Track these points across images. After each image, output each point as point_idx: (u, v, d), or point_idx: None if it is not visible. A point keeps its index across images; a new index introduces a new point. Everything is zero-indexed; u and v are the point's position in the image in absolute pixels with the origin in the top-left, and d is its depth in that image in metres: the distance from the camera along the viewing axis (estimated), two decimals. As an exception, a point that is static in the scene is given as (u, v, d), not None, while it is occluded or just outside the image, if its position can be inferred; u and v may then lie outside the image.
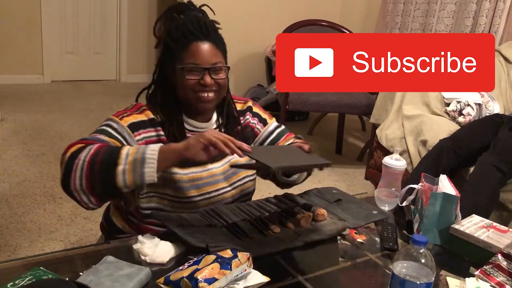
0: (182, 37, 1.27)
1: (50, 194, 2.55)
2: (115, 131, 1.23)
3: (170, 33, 1.29)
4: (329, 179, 3.18)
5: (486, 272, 1.11)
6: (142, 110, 1.30)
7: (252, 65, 4.54)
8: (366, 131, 4.27)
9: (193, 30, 1.26)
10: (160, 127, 1.29)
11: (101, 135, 1.21)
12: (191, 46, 1.26)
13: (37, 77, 4.97)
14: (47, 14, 4.82)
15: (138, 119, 1.27)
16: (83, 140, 1.17)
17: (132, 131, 1.25)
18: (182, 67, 1.26)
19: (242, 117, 1.46)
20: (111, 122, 1.25)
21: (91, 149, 1.12)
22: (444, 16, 3.71)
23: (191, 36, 1.26)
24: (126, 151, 1.11)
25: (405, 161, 1.48)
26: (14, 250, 2.04)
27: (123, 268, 0.98)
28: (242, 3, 4.43)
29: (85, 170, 1.09)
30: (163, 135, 1.29)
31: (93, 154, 1.10)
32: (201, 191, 1.31)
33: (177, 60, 1.27)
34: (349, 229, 1.31)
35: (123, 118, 1.26)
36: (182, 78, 1.27)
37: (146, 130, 1.27)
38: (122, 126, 1.24)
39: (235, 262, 0.96)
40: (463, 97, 2.44)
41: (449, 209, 1.29)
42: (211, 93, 1.28)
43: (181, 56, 1.27)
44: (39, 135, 3.45)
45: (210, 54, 1.27)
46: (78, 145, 1.15)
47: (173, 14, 1.31)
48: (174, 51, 1.28)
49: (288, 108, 3.17)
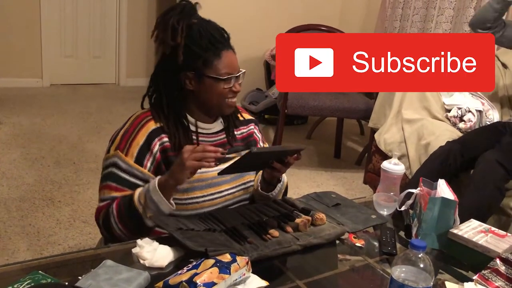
0: (210, 45, 1.29)
1: (49, 198, 2.55)
2: (124, 173, 1.28)
3: (194, 41, 1.29)
4: (328, 183, 3.18)
5: (485, 277, 1.11)
6: (142, 126, 1.30)
7: (251, 69, 4.55)
8: (364, 135, 4.27)
9: (220, 39, 1.30)
10: (163, 135, 1.30)
11: (112, 185, 1.28)
12: (222, 55, 1.30)
13: (36, 80, 4.97)
14: (46, 18, 4.83)
15: (140, 144, 1.28)
16: (103, 202, 1.29)
17: (140, 163, 1.28)
18: (220, 78, 1.29)
19: (246, 126, 1.50)
20: (118, 161, 1.28)
21: (113, 211, 1.25)
22: (442, 21, 3.73)
23: (219, 45, 1.30)
24: (137, 198, 1.23)
25: (403, 166, 1.48)
26: (13, 254, 2.03)
27: (122, 272, 0.97)
28: (241, 7, 4.44)
29: (120, 227, 1.25)
30: (166, 142, 1.30)
31: (118, 215, 1.25)
32: (204, 192, 1.33)
33: (208, 68, 1.29)
34: (347, 234, 1.31)
35: (128, 152, 1.28)
36: (216, 87, 1.30)
37: (152, 147, 1.29)
38: (131, 166, 1.28)
39: (234, 266, 0.96)
40: (463, 103, 2.45)
41: (447, 214, 1.29)
42: (235, 98, 1.35)
43: (214, 64, 1.29)
44: (38, 138, 3.44)
45: (236, 61, 1.34)
46: (102, 210, 1.28)
47: (190, 19, 1.30)
48: (203, 59, 1.29)
49: (287, 112, 3.18)
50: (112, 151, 1.30)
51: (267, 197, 1.43)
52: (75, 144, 3.38)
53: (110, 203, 1.27)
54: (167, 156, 1.30)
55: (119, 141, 1.30)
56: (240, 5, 4.44)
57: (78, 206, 2.50)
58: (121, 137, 1.30)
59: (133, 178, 1.28)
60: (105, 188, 1.29)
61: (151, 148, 1.29)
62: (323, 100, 3.19)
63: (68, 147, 3.32)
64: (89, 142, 3.45)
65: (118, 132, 1.33)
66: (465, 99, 2.48)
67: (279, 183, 1.43)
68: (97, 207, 1.30)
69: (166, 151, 1.30)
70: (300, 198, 1.50)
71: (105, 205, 1.28)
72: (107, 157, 1.31)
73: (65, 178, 2.82)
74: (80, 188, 2.71)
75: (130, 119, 1.34)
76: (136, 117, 1.33)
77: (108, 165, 1.30)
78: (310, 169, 3.40)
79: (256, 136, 1.53)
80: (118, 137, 1.31)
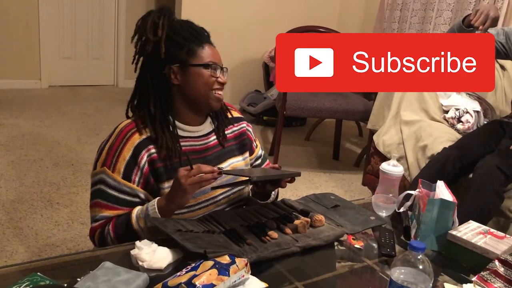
0: (193, 37, 1.30)
1: (47, 200, 2.54)
2: (112, 190, 1.26)
3: (177, 31, 1.29)
4: (327, 185, 3.18)
5: (484, 278, 1.11)
6: (128, 139, 1.27)
7: (250, 70, 4.55)
8: (363, 137, 4.28)
9: (200, 32, 1.32)
10: (151, 145, 1.28)
11: (102, 203, 1.27)
12: (205, 45, 1.31)
13: (35, 82, 4.96)
14: (44, 19, 4.83)
15: (127, 159, 1.26)
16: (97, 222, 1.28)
17: (128, 179, 1.27)
18: (202, 64, 1.29)
19: (237, 124, 1.49)
20: (105, 178, 1.26)
21: (110, 232, 1.25)
22: (441, 23, 3.73)
23: (201, 37, 1.31)
24: (136, 221, 1.23)
25: (402, 167, 1.49)
26: (11, 255, 2.03)
27: (121, 274, 0.97)
28: (240, 9, 4.45)
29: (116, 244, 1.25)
30: (154, 153, 1.28)
31: (115, 237, 1.24)
32: (198, 199, 1.32)
33: (192, 57, 1.29)
34: (346, 235, 1.31)
35: (115, 168, 1.26)
36: (201, 74, 1.29)
37: (139, 161, 1.27)
38: (118, 182, 1.26)
39: (233, 268, 0.96)
40: (461, 104, 2.45)
41: (446, 215, 1.29)
42: (222, 92, 1.34)
43: (198, 54, 1.29)
44: (36, 140, 3.44)
45: (219, 56, 1.34)
46: (97, 230, 1.27)
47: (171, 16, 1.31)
48: (187, 48, 1.29)
49: (286, 113, 3.18)
50: (99, 168, 1.27)
51: (260, 205, 1.44)
52: (73, 146, 3.38)
53: (104, 223, 1.26)
54: (155, 168, 1.28)
55: (105, 156, 1.27)
56: (238, 7, 4.44)
57: (77, 207, 2.49)
58: (107, 153, 1.27)
59: (122, 194, 1.26)
60: (96, 206, 1.28)
61: (138, 162, 1.26)
62: (322, 102, 3.19)
63: (67, 148, 3.32)
64: (88, 144, 3.45)
65: (104, 146, 1.30)
66: (463, 100, 2.49)
67: (268, 198, 1.47)
68: (91, 227, 1.29)
69: (153, 162, 1.28)
70: (299, 199, 1.50)
71: (99, 225, 1.27)
72: (94, 173, 1.29)
73: (63, 180, 2.81)
74: (78, 189, 2.70)
75: (115, 132, 1.30)
76: (121, 131, 1.29)
77: (96, 182, 1.28)
78: (309, 171, 3.40)
79: (250, 135, 1.52)
80: (103, 152, 1.28)
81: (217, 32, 1.39)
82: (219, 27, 4.73)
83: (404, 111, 2.57)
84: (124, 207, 1.27)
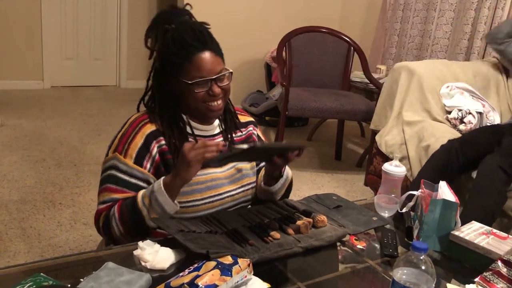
0: (182, 50, 1.27)
1: (50, 200, 2.55)
2: (123, 174, 1.27)
3: (168, 46, 1.28)
4: (329, 185, 3.18)
5: (486, 279, 1.11)
6: (140, 128, 1.30)
7: (252, 71, 4.55)
8: (365, 137, 4.28)
9: (192, 42, 1.26)
10: (161, 137, 1.30)
11: (111, 187, 1.27)
12: (193, 58, 1.26)
13: (37, 82, 4.98)
14: (47, 20, 4.84)
15: (139, 145, 1.28)
16: (104, 205, 1.27)
17: (140, 164, 1.28)
18: (189, 82, 1.27)
19: (244, 128, 1.50)
20: (117, 163, 1.27)
21: (115, 214, 1.24)
22: (443, 23, 3.73)
23: (191, 49, 1.26)
24: (141, 199, 1.22)
25: (404, 168, 1.48)
26: (14, 256, 2.03)
27: (124, 275, 0.97)
28: (242, 9, 4.45)
29: (121, 230, 1.24)
30: (164, 144, 1.30)
31: (120, 218, 1.23)
32: (204, 194, 1.32)
33: (182, 73, 1.28)
34: (349, 236, 1.31)
35: (127, 153, 1.27)
36: (190, 91, 1.28)
37: (151, 149, 1.29)
38: (130, 167, 1.27)
39: (236, 269, 0.96)
40: (464, 105, 2.45)
41: (448, 216, 1.29)
42: (219, 101, 1.32)
43: (186, 69, 1.27)
44: (39, 140, 3.45)
45: (213, 63, 1.28)
46: (103, 212, 1.27)
47: (163, 25, 1.30)
48: (176, 64, 1.28)
49: (288, 114, 3.18)
50: (111, 154, 1.30)
51: (270, 192, 1.43)
52: (76, 146, 3.39)
53: (111, 205, 1.27)
54: (165, 159, 1.30)
55: (117, 143, 1.30)
56: (240, 8, 4.44)
57: (79, 208, 2.50)
58: (119, 140, 1.30)
59: (133, 178, 1.27)
60: (105, 191, 1.29)
61: (150, 150, 1.28)
62: (324, 102, 3.19)
63: (69, 149, 3.32)
64: (90, 144, 3.46)
65: (116, 135, 1.33)
66: (466, 101, 2.48)
67: (280, 177, 1.43)
68: (97, 209, 1.30)
69: (164, 153, 1.30)
70: (301, 200, 1.50)
71: (106, 207, 1.27)
72: (106, 160, 1.31)
73: (66, 180, 2.82)
74: (81, 190, 2.71)
75: (128, 122, 1.34)
76: (134, 120, 1.33)
77: (107, 167, 1.29)
78: (311, 171, 3.40)
79: (255, 138, 1.53)
80: (116, 140, 1.31)
81: (218, 33, 1.38)
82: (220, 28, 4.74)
83: (406, 111, 2.56)
84: (133, 192, 1.26)
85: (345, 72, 3.68)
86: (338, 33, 3.68)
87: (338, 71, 3.69)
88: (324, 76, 3.69)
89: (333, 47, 3.67)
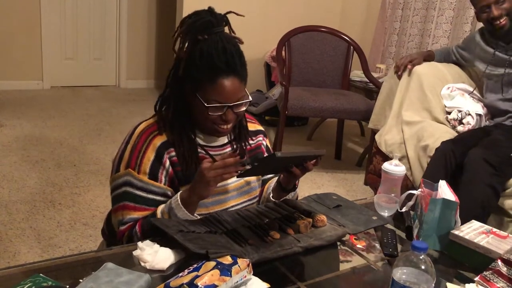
0: (207, 69, 1.21)
1: (49, 200, 2.55)
2: (140, 190, 1.25)
3: (194, 60, 1.22)
4: (329, 184, 3.18)
5: (486, 278, 1.11)
6: (150, 141, 1.26)
7: (251, 70, 4.50)
8: (365, 136, 4.28)
9: (220, 65, 1.20)
10: (171, 148, 1.27)
11: (129, 205, 1.25)
12: (216, 81, 1.21)
13: (37, 83, 4.98)
14: (46, 20, 4.84)
15: (151, 159, 1.25)
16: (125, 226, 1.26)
17: (155, 178, 1.26)
18: (205, 104, 1.21)
19: (254, 137, 1.47)
20: (132, 180, 1.25)
21: (137, 233, 1.23)
22: (443, 22, 3.73)
23: (217, 70, 1.20)
24: (161, 216, 1.22)
25: (404, 167, 1.48)
26: (13, 256, 2.03)
27: (123, 275, 0.97)
28: (241, 9, 4.44)
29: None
30: (174, 156, 1.27)
31: (142, 235, 1.22)
32: (211, 209, 1.32)
33: (200, 91, 1.23)
34: (348, 235, 1.31)
35: (140, 169, 1.24)
36: (204, 111, 1.23)
37: (163, 161, 1.26)
38: (146, 183, 1.25)
39: (235, 269, 0.96)
40: (464, 106, 2.45)
41: (448, 215, 1.29)
42: (229, 125, 1.28)
43: (206, 89, 1.22)
44: (39, 141, 3.45)
45: (235, 90, 1.23)
46: (125, 233, 1.26)
47: (196, 35, 1.22)
48: (197, 80, 1.23)
49: (287, 113, 3.18)
50: (123, 170, 1.26)
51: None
52: (75, 146, 3.39)
53: (131, 225, 1.25)
54: (176, 170, 1.28)
55: (128, 158, 1.26)
56: (240, 7, 4.43)
57: (79, 208, 2.50)
58: (130, 154, 1.26)
59: (151, 194, 1.25)
60: (123, 209, 1.25)
61: (163, 162, 1.26)
62: (324, 102, 3.19)
63: (69, 149, 3.32)
64: (90, 144, 3.46)
65: (124, 149, 1.28)
66: (466, 102, 2.48)
67: (293, 190, 1.41)
68: (118, 230, 1.26)
69: (174, 165, 1.27)
70: (301, 199, 1.50)
71: (127, 228, 1.25)
72: (117, 176, 1.27)
73: (65, 181, 2.82)
74: (80, 190, 2.71)
75: (136, 132, 1.28)
76: (143, 132, 1.28)
77: (121, 184, 1.25)
78: (311, 171, 3.39)
79: (264, 149, 1.49)
80: (125, 154, 1.26)
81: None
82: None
83: (405, 111, 2.56)
84: (152, 207, 1.25)
85: (344, 72, 3.68)
86: (337, 32, 3.68)
87: (338, 70, 3.69)
88: (323, 75, 3.69)
89: (332, 47, 3.67)
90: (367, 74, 3.51)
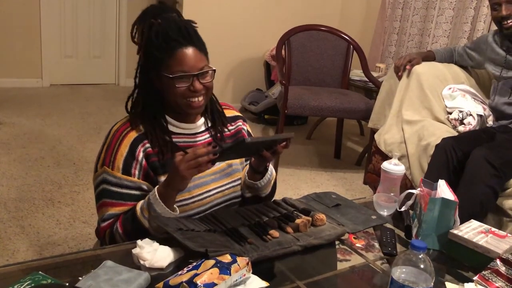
0: (165, 44, 1.26)
1: (49, 198, 2.55)
2: (115, 186, 1.28)
3: (151, 40, 1.27)
4: (328, 183, 3.18)
5: (485, 278, 1.11)
6: (124, 136, 1.30)
7: (251, 69, 4.55)
8: (364, 135, 4.28)
9: (175, 37, 1.26)
10: (145, 140, 1.30)
11: (107, 201, 1.28)
12: (176, 53, 1.26)
13: (36, 80, 4.97)
14: (46, 18, 4.83)
15: (124, 155, 1.28)
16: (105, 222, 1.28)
17: (128, 173, 1.28)
18: (170, 76, 1.26)
19: (234, 122, 1.50)
20: (107, 177, 1.28)
21: (118, 230, 1.26)
22: (442, 22, 3.73)
23: (174, 43, 1.26)
24: (140, 212, 1.24)
25: (403, 166, 1.48)
26: (13, 254, 2.03)
27: (122, 273, 0.97)
28: (241, 8, 4.44)
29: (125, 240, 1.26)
30: (149, 147, 1.30)
31: (124, 233, 1.25)
32: (193, 193, 1.33)
33: (163, 68, 1.27)
34: (348, 234, 1.31)
35: (114, 165, 1.28)
36: (171, 85, 1.27)
37: (136, 155, 1.28)
38: (119, 178, 1.27)
39: (234, 267, 0.96)
40: (465, 107, 2.45)
41: (447, 214, 1.29)
42: (200, 97, 1.31)
43: (167, 63, 1.27)
44: (38, 138, 3.44)
45: (196, 59, 1.28)
46: (106, 230, 1.28)
47: (149, 19, 1.29)
48: (158, 58, 1.28)
49: (287, 112, 3.17)
50: (99, 169, 1.30)
51: (256, 187, 1.43)
52: (75, 145, 3.38)
53: (112, 222, 1.27)
54: (151, 161, 1.30)
55: (104, 156, 1.30)
56: (239, 6, 4.44)
57: (78, 206, 2.50)
58: (105, 153, 1.30)
59: (125, 189, 1.28)
60: (102, 207, 1.29)
61: (136, 156, 1.28)
62: (323, 101, 3.18)
63: (68, 147, 3.32)
64: (89, 142, 3.45)
65: (101, 149, 1.32)
66: (467, 102, 2.48)
67: (266, 172, 1.43)
68: (100, 227, 1.30)
69: (149, 156, 1.30)
70: (300, 198, 1.51)
71: (108, 224, 1.28)
72: (96, 175, 1.31)
73: (65, 179, 2.82)
74: (80, 188, 2.71)
75: (111, 132, 1.33)
76: (116, 131, 1.32)
77: (99, 183, 1.29)
78: (310, 170, 3.40)
79: (245, 133, 1.52)
80: (102, 153, 1.31)
81: (218, 31, 1.37)
82: (220, 26, 4.71)
83: (406, 110, 2.56)
84: (129, 202, 1.28)
85: (344, 71, 3.68)
86: (337, 31, 3.67)
87: (338, 69, 3.69)
88: (323, 74, 3.69)
89: (332, 46, 3.67)
90: (367, 73, 3.51)
